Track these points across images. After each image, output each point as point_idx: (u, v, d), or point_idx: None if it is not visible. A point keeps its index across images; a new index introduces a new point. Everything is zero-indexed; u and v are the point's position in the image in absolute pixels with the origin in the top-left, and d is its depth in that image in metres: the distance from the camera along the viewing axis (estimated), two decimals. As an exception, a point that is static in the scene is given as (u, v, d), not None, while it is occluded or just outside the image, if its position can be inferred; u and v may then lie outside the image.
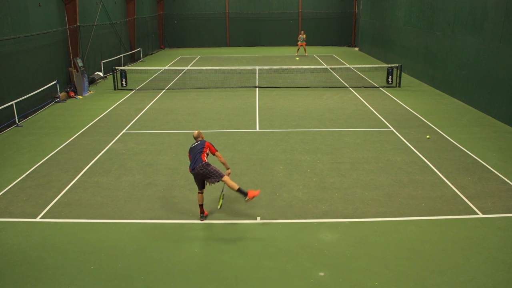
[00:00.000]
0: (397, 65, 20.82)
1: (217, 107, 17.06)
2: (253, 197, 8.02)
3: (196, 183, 8.39)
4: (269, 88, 20.57)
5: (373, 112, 16.01)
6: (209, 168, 8.09)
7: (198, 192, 8.39)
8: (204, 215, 8.49)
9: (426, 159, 11.29)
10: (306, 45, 33.01)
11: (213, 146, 8.44)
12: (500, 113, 14.66)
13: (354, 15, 39.64)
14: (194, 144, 8.49)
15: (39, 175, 10.64)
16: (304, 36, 32.64)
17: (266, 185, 9.89)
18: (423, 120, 14.90)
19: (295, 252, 7.35)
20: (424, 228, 8.02)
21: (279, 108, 16.79)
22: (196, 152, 8.24)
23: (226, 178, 8.11)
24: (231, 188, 8.04)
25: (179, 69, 25.98)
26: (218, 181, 8.11)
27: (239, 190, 8.02)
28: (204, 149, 8.26)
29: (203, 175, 8.13)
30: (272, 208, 8.88)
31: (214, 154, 8.45)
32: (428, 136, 12.27)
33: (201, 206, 8.43)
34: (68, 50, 20.04)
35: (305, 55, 32.73)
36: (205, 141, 8.42)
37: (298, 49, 32.90)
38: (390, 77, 20.73)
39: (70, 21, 20.03)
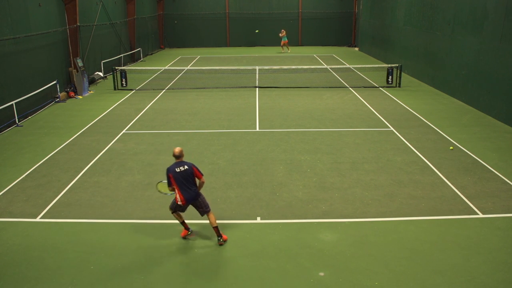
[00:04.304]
0: (397, 65, 20.82)
1: (217, 107, 17.06)
2: (225, 240, 7.67)
3: (180, 209, 7.63)
4: (269, 88, 20.57)
5: (373, 112, 16.01)
6: (201, 198, 7.56)
7: (175, 212, 7.71)
8: (191, 234, 7.91)
9: (426, 159, 11.29)
10: (285, 43, 35.24)
11: (199, 170, 7.53)
12: (500, 113, 14.66)
13: (354, 15, 39.64)
14: (179, 168, 7.36)
15: (39, 175, 10.64)
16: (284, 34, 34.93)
17: (266, 185, 9.89)
18: (423, 120, 14.90)
19: (295, 252, 7.35)
20: (424, 228, 8.02)
21: (279, 108, 16.79)
22: (190, 180, 7.41)
23: (211, 213, 7.68)
24: (212, 223, 7.60)
25: (179, 69, 25.98)
26: (204, 213, 7.63)
27: (215, 228, 7.61)
28: (194, 176, 7.46)
29: (194, 205, 7.60)
30: (272, 208, 8.88)
31: (199, 179, 7.55)
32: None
33: (184, 222, 7.84)
34: (68, 50, 20.04)
35: (281, 52, 34.94)
36: (192, 165, 7.48)
37: (283, 48, 35.14)
38: (390, 77, 20.73)
39: (70, 21, 20.03)
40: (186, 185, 7.39)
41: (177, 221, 8.38)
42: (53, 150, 12.37)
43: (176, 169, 7.36)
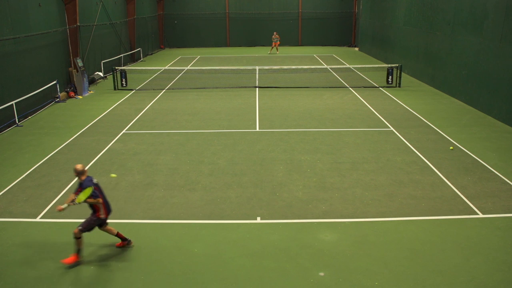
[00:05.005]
0: (397, 65, 20.82)
1: (217, 107, 17.06)
2: (67, 261, 7.04)
3: (93, 228, 7.19)
4: (269, 88, 20.57)
5: (373, 112, 16.01)
6: None
7: (82, 237, 7.06)
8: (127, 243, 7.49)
9: (426, 159, 11.29)
10: (279, 44, 35.36)
11: None
12: (500, 113, 14.66)
13: (354, 15, 39.65)
14: (94, 179, 7.15)
15: (39, 175, 10.64)
16: (278, 36, 34.82)
17: (266, 185, 9.89)
18: (423, 120, 14.90)
19: (295, 252, 7.35)
20: (424, 228, 8.02)
21: (279, 108, 16.79)
22: (103, 193, 7.26)
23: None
24: (112, 232, 7.43)
25: (179, 69, 25.99)
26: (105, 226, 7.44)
27: (119, 233, 7.47)
28: None
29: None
30: (272, 208, 8.88)
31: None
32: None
33: (81, 250, 7.08)
34: (68, 50, 20.04)
35: (277, 53, 34.59)
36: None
37: (272, 48, 34.82)
38: (390, 77, 20.73)
39: (70, 21, 20.02)
40: (104, 196, 7.28)
41: (177, 221, 8.38)
42: (53, 150, 12.37)
43: (93, 181, 7.08)
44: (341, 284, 6.53)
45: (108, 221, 8.36)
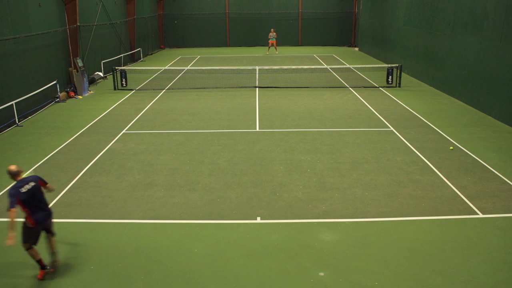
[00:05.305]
0: (397, 65, 20.82)
1: (217, 107, 17.06)
2: (39, 277, 6.70)
3: (34, 238, 6.56)
4: (269, 88, 20.57)
5: (373, 112, 16.01)
6: (52, 217, 6.86)
7: (31, 247, 6.60)
8: (50, 270, 6.83)
9: (426, 159, 11.29)
10: (276, 43, 34.59)
11: (42, 179, 6.89)
12: (500, 113, 14.66)
13: (354, 15, 39.65)
14: (25, 187, 6.46)
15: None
16: (275, 34, 34.12)
17: (266, 185, 9.89)
18: (423, 120, 14.91)
19: (295, 252, 7.35)
20: (424, 228, 8.03)
21: (279, 108, 16.79)
22: (40, 197, 6.63)
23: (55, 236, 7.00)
24: (53, 247, 6.92)
25: (179, 69, 25.99)
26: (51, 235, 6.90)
27: (55, 254, 6.94)
28: (42, 189, 6.76)
29: (48, 225, 6.81)
30: (272, 208, 8.88)
31: (46, 187, 6.92)
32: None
33: (40, 260, 6.73)
34: (68, 50, 20.04)
35: (276, 53, 34.20)
36: (36, 177, 6.76)
37: (269, 48, 34.30)
38: (390, 77, 20.73)
39: (70, 21, 20.03)
40: (37, 204, 6.57)
41: (176, 221, 8.39)
42: (53, 150, 12.37)
43: (20, 190, 6.39)
44: (341, 284, 6.53)
45: (109, 221, 8.40)
